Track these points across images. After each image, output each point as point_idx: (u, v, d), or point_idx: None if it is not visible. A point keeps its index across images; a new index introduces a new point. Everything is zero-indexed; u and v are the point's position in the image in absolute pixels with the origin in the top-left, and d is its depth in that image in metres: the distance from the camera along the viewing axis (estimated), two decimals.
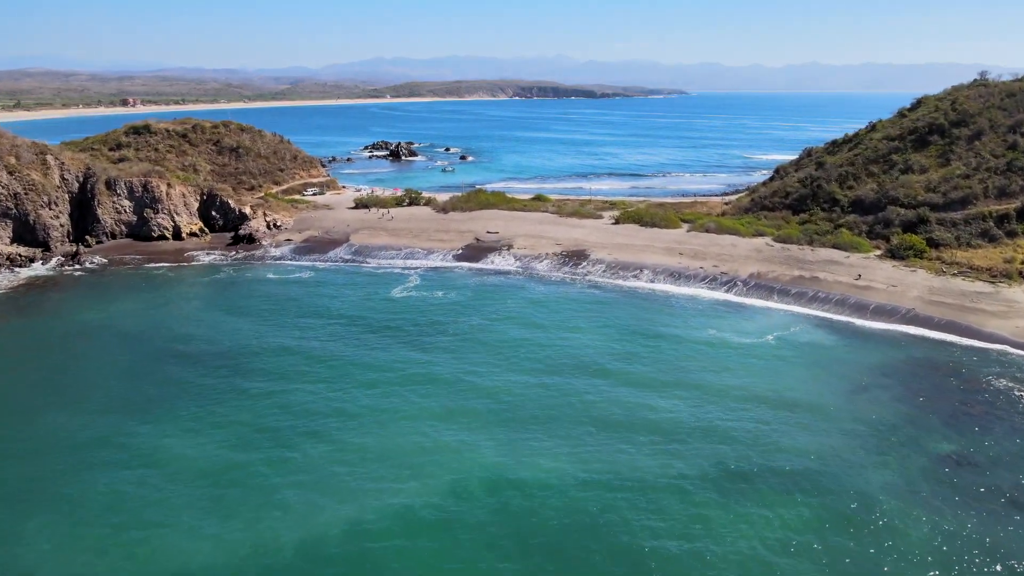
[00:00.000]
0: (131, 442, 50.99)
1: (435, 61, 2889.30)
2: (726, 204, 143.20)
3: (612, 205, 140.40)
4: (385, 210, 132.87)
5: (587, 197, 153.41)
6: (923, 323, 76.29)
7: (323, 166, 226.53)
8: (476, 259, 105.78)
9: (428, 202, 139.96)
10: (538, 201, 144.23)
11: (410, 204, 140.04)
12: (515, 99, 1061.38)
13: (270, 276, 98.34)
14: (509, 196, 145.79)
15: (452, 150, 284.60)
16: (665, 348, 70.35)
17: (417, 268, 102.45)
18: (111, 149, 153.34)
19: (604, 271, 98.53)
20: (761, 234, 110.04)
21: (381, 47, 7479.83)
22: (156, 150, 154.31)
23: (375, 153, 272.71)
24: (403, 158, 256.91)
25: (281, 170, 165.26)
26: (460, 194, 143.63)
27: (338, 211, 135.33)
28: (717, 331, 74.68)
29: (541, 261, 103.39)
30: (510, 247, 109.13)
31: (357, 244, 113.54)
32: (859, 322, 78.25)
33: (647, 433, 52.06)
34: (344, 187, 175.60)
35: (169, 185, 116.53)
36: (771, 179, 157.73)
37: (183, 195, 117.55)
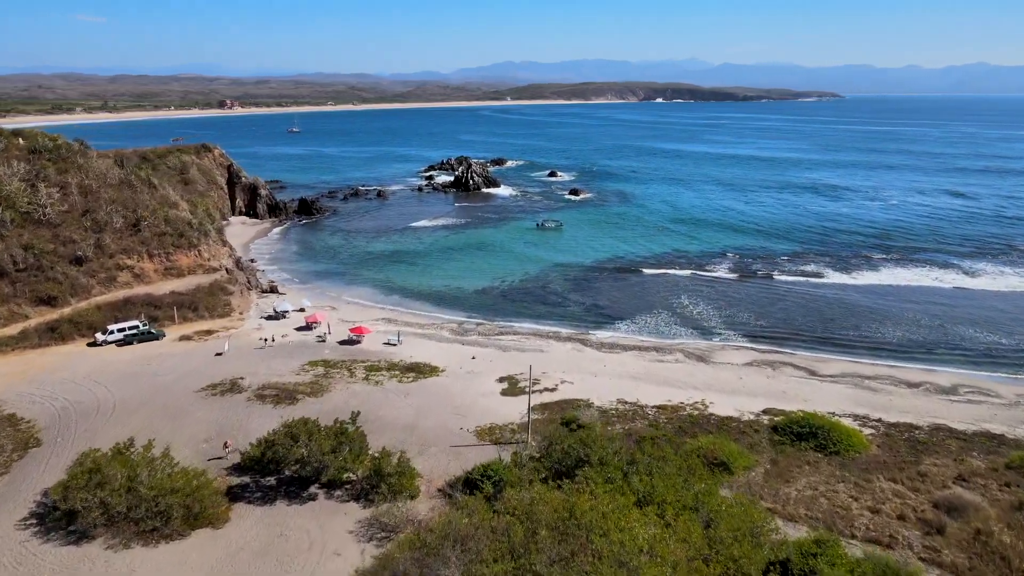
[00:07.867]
0: None
1: (563, 65, 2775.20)
2: None
3: None
4: None
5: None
6: None
7: (225, 243, 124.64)
8: None
9: None
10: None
11: None
12: (646, 102, 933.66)
13: None
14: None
15: (560, 176, 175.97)
16: None
17: None
18: None
19: None
20: None
21: (511, 51, 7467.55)
22: None
23: (433, 180, 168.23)
24: (473, 191, 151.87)
25: (79, 261, 63.67)
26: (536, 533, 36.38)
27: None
28: None
29: None
30: None
31: None
32: None
33: None
34: (264, 296, 72.12)
35: None
36: None
37: None
